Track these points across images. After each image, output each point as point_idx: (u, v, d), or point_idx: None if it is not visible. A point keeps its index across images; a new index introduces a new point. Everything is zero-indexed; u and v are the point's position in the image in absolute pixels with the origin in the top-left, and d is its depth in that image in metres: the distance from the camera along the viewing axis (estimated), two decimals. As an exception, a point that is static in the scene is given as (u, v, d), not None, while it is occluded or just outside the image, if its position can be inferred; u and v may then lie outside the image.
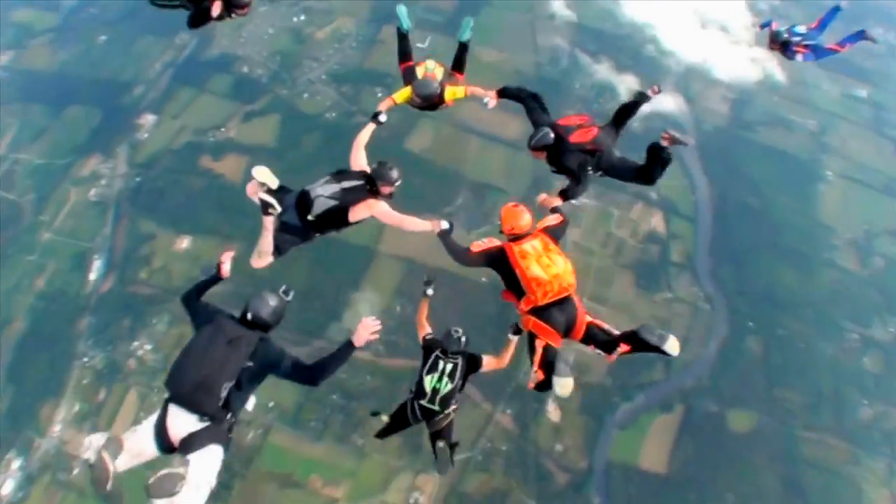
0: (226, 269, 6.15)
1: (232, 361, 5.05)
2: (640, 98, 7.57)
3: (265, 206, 6.71)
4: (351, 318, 41.25)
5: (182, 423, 4.87)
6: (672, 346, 5.99)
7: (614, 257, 43.97)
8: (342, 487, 37.97)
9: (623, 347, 6.17)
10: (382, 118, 8.36)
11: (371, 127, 8.19)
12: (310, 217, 6.88)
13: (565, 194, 7.48)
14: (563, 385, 6.09)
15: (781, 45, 11.26)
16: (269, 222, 6.75)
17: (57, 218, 46.76)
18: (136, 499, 37.11)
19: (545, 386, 6.18)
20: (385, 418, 8.04)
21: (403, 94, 8.51)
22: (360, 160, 7.46)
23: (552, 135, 7.48)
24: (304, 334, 40.51)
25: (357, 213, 6.86)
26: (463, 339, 8.08)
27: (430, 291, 8.83)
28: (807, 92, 53.79)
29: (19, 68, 55.79)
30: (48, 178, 48.72)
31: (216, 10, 8.10)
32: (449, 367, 7.52)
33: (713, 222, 46.37)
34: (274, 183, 6.86)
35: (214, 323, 5.29)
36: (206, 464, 4.80)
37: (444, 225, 6.93)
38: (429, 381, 7.51)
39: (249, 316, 5.44)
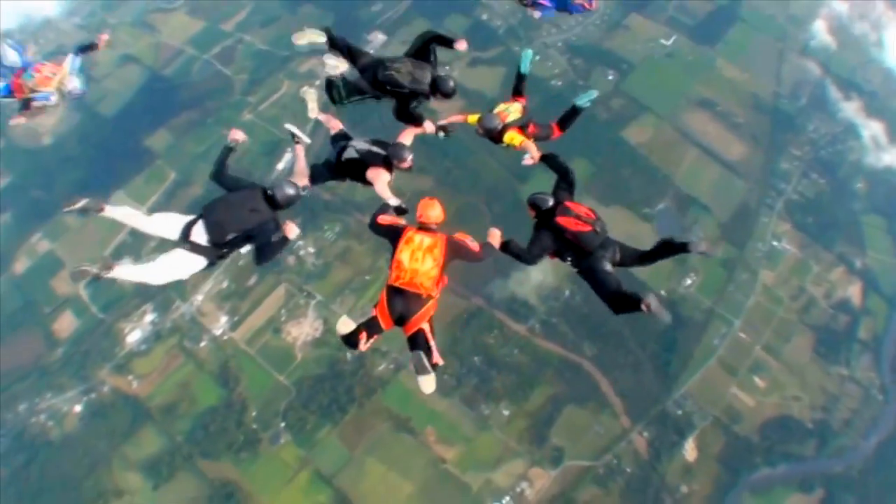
0: (237, 136, 7.31)
1: (244, 223, 6.46)
2: (684, 247, 7.00)
3: (293, 137, 7.86)
4: (519, 279, 40.18)
5: (198, 235, 6.33)
6: (424, 383, 6.23)
7: (800, 314, 41.03)
8: (454, 450, 36.95)
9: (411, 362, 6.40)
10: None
11: (432, 128, 8.41)
12: (341, 158, 7.76)
13: (508, 248, 7.26)
14: (342, 323, 6.62)
15: None
16: (299, 150, 7.90)
17: (263, 103, 48.07)
18: (253, 383, 37.81)
19: (348, 341, 6.51)
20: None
21: (474, 117, 8.53)
22: (404, 139, 8.01)
23: (551, 203, 7.29)
24: (467, 288, 40.16)
25: (371, 174, 7.56)
26: None
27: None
28: None
29: (270, -43, 57.91)
30: (266, 64, 50.08)
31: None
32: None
33: (912, 310, 42.42)
34: (313, 112, 8.11)
35: (253, 190, 6.70)
36: (189, 260, 6.34)
37: (394, 202, 7.23)
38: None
39: (269, 192, 6.70)
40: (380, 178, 7.47)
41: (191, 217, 6.49)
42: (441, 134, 8.45)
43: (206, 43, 51.37)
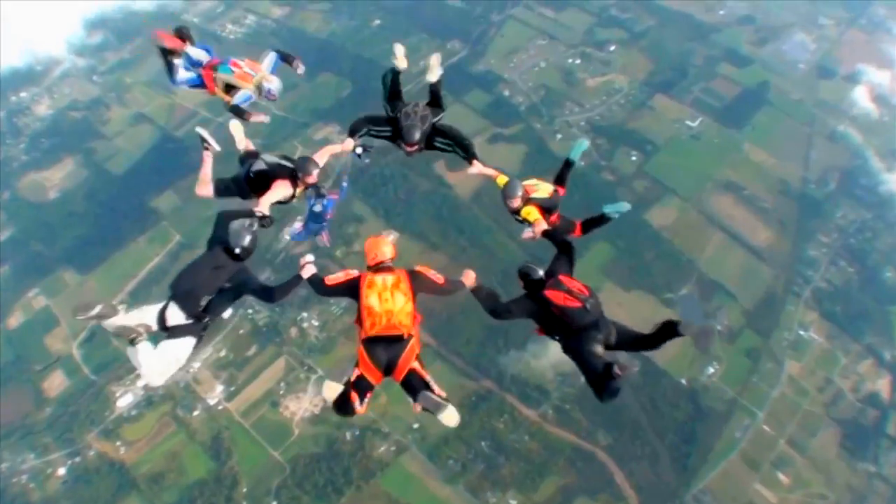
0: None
1: (213, 282, 6.37)
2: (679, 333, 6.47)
3: (202, 141, 7.72)
4: (535, 352, 38.68)
5: (175, 316, 6.15)
6: (446, 418, 5.58)
7: (827, 407, 39.19)
8: (454, 541, 35.15)
9: (417, 406, 5.75)
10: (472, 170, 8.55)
11: (351, 145, 8.36)
12: (250, 173, 7.74)
13: (478, 291, 7.01)
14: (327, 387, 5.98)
15: None
16: (206, 156, 7.72)
17: (276, 170, 47.99)
18: (246, 457, 36.07)
19: (342, 408, 5.91)
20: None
21: (504, 179, 8.27)
22: (320, 157, 8.05)
23: (541, 274, 7.04)
24: (477, 370, 38.84)
25: (275, 185, 7.55)
26: None
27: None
28: None
29: (289, 25, 59.14)
30: (280, 129, 49.73)
31: None
32: None
33: (945, 406, 40.45)
34: (241, 144, 8.19)
35: (213, 251, 6.61)
36: (178, 346, 6.14)
37: (264, 211, 7.32)
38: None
39: (230, 248, 6.60)
40: (278, 189, 7.55)
41: (161, 304, 6.30)
42: (359, 150, 8.38)
43: (221, 106, 50.56)
